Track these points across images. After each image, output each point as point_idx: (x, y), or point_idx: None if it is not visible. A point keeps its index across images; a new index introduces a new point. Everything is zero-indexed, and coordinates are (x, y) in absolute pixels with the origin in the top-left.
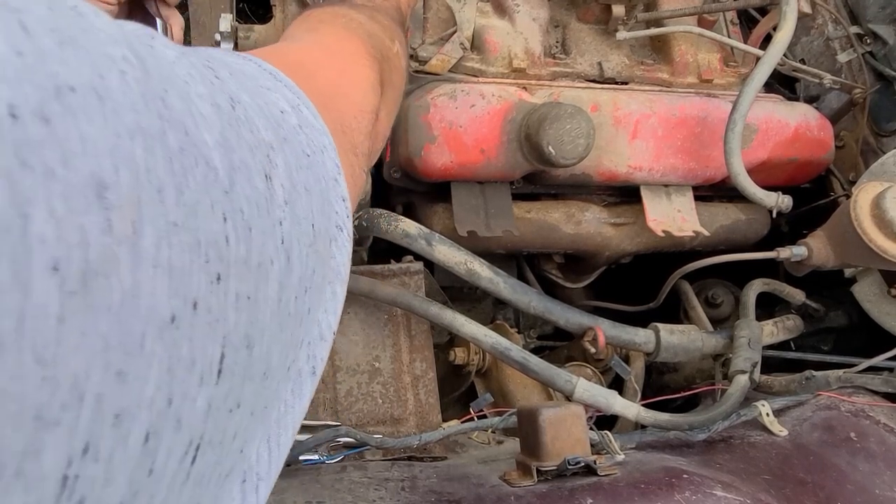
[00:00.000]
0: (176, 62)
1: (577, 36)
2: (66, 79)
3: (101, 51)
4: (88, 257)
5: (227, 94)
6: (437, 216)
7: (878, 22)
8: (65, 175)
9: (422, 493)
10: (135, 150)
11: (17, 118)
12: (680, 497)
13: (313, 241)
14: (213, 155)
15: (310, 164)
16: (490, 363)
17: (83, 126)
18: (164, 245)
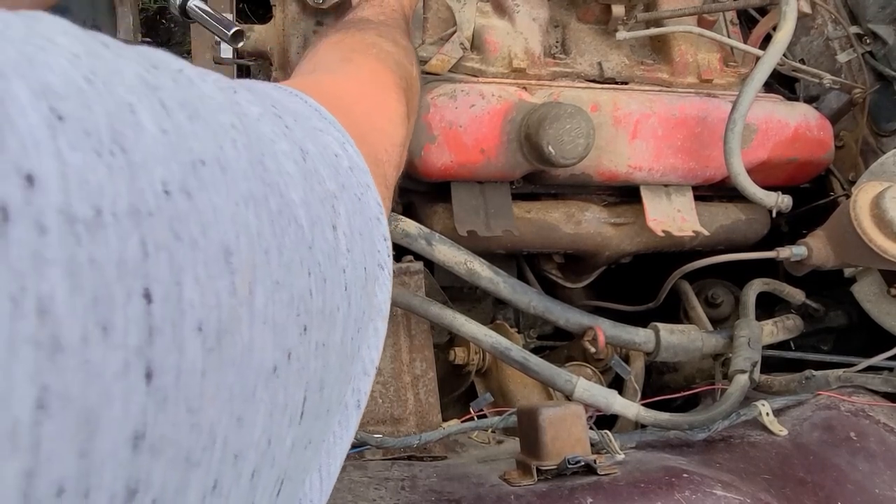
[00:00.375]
0: (261, 119)
1: (577, 36)
2: (199, 153)
3: (216, 120)
4: (221, 317)
5: (299, 147)
6: (437, 216)
7: (877, 22)
8: (204, 244)
9: (422, 492)
10: (248, 216)
11: (169, 194)
12: (680, 496)
13: (365, 283)
14: (300, 213)
15: (360, 207)
16: (490, 363)
17: (213, 197)
18: (270, 302)
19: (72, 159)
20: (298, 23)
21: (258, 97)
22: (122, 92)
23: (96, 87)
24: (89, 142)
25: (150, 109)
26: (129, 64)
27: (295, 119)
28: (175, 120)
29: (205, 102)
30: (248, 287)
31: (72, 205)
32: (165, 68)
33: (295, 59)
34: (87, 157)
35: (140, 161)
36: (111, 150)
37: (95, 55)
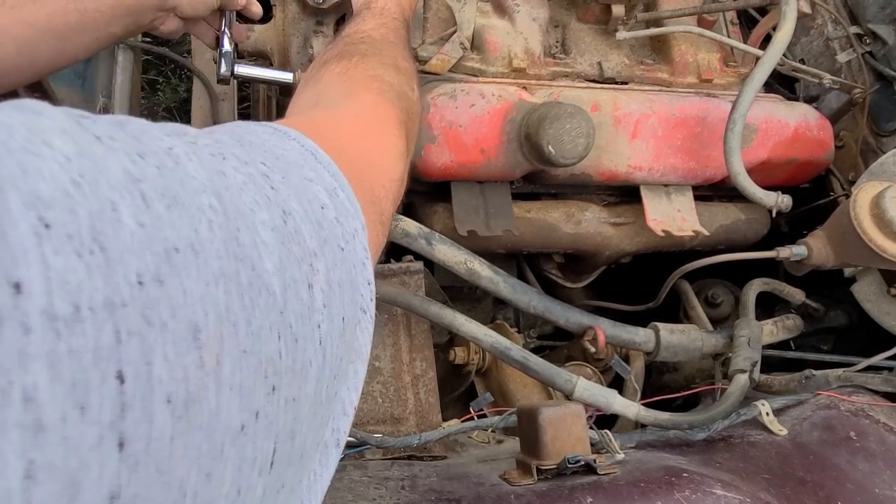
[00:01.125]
0: (243, 189)
1: (577, 36)
2: (173, 241)
3: (194, 203)
4: (189, 388)
5: (281, 209)
6: (437, 216)
7: (877, 22)
8: (173, 326)
9: (422, 491)
10: (219, 294)
11: (142, 285)
12: (680, 496)
13: (343, 332)
14: (273, 280)
15: (343, 257)
16: (490, 363)
17: (184, 281)
18: (237, 370)
19: (55, 263)
20: (298, 23)
21: (249, 155)
22: (105, 190)
23: (82, 190)
24: (71, 245)
25: (131, 205)
26: (117, 158)
27: (283, 175)
28: (153, 211)
29: (186, 185)
30: (216, 359)
31: (53, 304)
32: (153, 153)
33: (295, 59)
34: (69, 260)
35: (117, 256)
36: (91, 250)
37: (86, 155)
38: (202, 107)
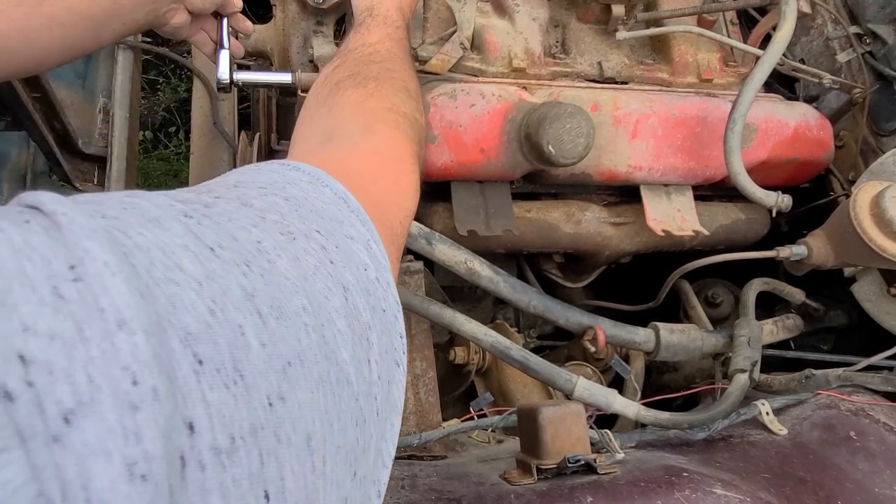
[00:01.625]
0: (316, 273)
1: (577, 36)
2: (286, 356)
3: (293, 309)
4: (308, 495)
5: (342, 286)
6: (438, 215)
7: (877, 22)
8: (295, 439)
9: (422, 491)
10: (319, 398)
11: (272, 406)
12: (680, 495)
13: (388, 394)
14: (350, 370)
15: (384, 319)
16: (490, 362)
17: (298, 393)
18: (334, 465)
19: (211, 398)
20: (298, 23)
21: (306, 223)
22: (233, 314)
23: (217, 318)
24: (220, 378)
25: (253, 324)
26: (233, 275)
27: (336, 244)
28: (269, 327)
29: (283, 289)
30: (323, 460)
31: (217, 439)
32: (253, 257)
33: (295, 59)
34: (221, 394)
35: (252, 381)
36: (234, 380)
37: (211, 276)
38: (202, 107)
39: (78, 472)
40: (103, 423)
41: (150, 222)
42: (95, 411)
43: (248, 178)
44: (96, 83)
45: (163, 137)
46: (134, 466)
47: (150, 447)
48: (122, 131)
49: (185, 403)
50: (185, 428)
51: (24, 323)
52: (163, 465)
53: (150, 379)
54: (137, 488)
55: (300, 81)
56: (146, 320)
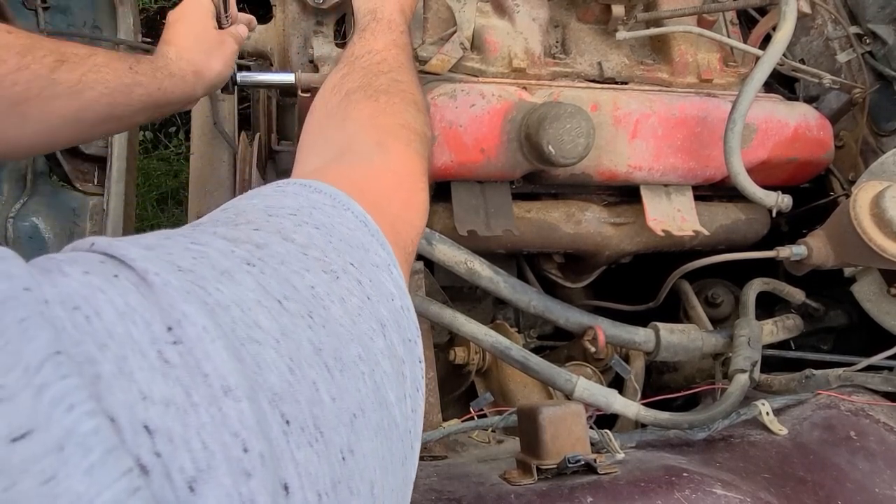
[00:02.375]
0: (360, 314)
1: (577, 36)
2: (352, 408)
3: (351, 358)
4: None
5: (380, 323)
6: (438, 216)
7: (877, 22)
8: (363, 489)
9: (422, 491)
10: (378, 446)
11: (344, 460)
12: (680, 495)
13: (415, 423)
14: (396, 412)
15: (411, 349)
16: (490, 362)
17: (363, 444)
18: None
19: (299, 457)
20: (298, 23)
21: (342, 257)
22: (308, 371)
23: (296, 376)
24: (305, 436)
25: (324, 380)
26: (300, 327)
27: (370, 279)
28: (336, 381)
29: (341, 338)
30: (374, 490)
31: (307, 498)
32: (315, 309)
33: (295, 59)
34: (307, 453)
35: (329, 437)
36: (316, 438)
37: (286, 332)
38: (202, 107)
39: None
40: (222, 489)
41: (222, 276)
42: (213, 478)
43: (276, 202)
44: None
45: (163, 137)
46: None
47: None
48: None
49: (279, 465)
50: (282, 489)
51: (142, 391)
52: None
53: (257, 445)
54: None
55: (301, 82)
56: (246, 385)
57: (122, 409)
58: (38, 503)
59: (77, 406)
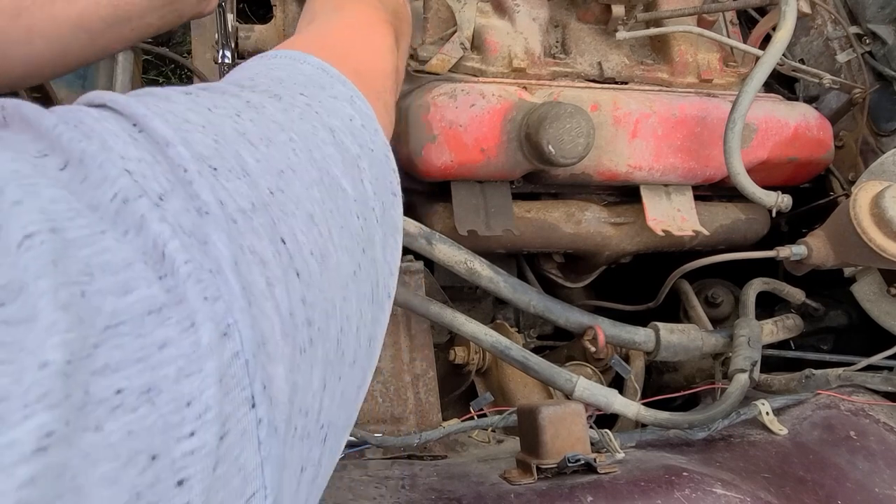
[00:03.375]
0: (303, 118)
1: (577, 36)
2: (279, 167)
3: (281, 140)
4: (320, 248)
5: (329, 128)
6: (438, 215)
7: (877, 22)
8: (299, 213)
9: (422, 490)
10: (315, 193)
11: (273, 194)
12: (680, 495)
13: (384, 212)
14: (343, 182)
15: (374, 155)
16: (490, 362)
17: (294, 188)
18: (341, 237)
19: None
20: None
21: (290, 90)
22: (230, 144)
23: (220, 145)
24: (232, 175)
25: (247, 149)
26: (226, 121)
27: (320, 101)
28: (260, 151)
29: (271, 129)
30: (328, 230)
31: (241, 205)
32: (245, 110)
33: None
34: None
35: (255, 178)
36: (240, 175)
37: (210, 123)
38: None
39: (173, 217)
40: (180, 197)
41: (161, 99)
42: (175, 192)
43: (236, 74)
44: (97, 83)
45: None
46: (200, 209)
47: (205, 199)
48: None
49: (196, 192)
50: (219, 198)
51: (120, 154)
52: (218, 211)
53: (193, 166)
54: (205, 219)
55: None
56: (180, 139)
57: (111, 158)
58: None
59: None
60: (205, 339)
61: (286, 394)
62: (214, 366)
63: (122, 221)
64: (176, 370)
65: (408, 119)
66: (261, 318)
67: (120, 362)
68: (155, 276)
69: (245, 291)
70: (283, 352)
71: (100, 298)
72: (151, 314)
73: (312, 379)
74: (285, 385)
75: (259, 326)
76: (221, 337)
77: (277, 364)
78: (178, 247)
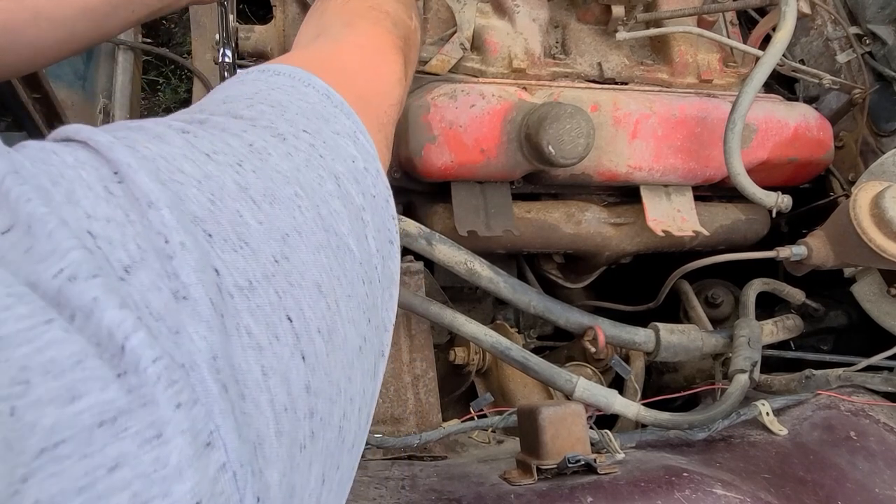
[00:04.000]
0: (308, 165)
1: (577, 36)
2: (284, 229)
3: (286, 195)
4: (327, 324)
5: (333, 175)
6: (438, 216)
7: (877, 22)
8: (306, 284)
9: (422, 491)
10: (322, 259)
11: (278, 262)
12: (680, 495)
13: (385, 266)
14: (350, 241)
15: (375, 203)
16: (490, 363)
17: (301, 254)
18: (348, 309)
19: (224, 257)
20: (298, 23)
21: (294, 125)
22: (230, 203)
23: (217, 206)
24: (228, 245)
25: (249, 209)
26: (227, 174)
27: (323, 140)
28: (264, 211)
29: (275, 181)
30: (336, 303)
31: (237, 281)
32: (247, 158)
33: None
34: (232, 255)
35: (256, 247)
36: (240, 246)
37: (207, 176)
38: None
39: (141, 298)
40: (152, 271)
41: (154, 138)
42: (146, 264)
43: (234, 92)
44: (96, 84)
45: None
46: (177, 293)
47: (185, 280)
48: None
49: (208, 258)
50: (213, 271)
51: (87, 212)
52: (200, 290)
53: (177, 237)
54: (181, 304)
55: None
56: (168, 199)
57: (70, 217)
58: None
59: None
60: (174, 456)
61: (281, 500)
62: (190, 487)
63: (67, 304)
64: (129, 498)
65: (408, 119)
66: (255, 416)
67: (55, 497)
68: (112, 373)
69: (227, 390)
70: (279, 453)
71: (35, 412)
72: (104, 426)
73: (311, 477)
74: (280, 491)
75: (253, 426)
76: (204, 448)
77: (273, 468)
78: (144, 339)
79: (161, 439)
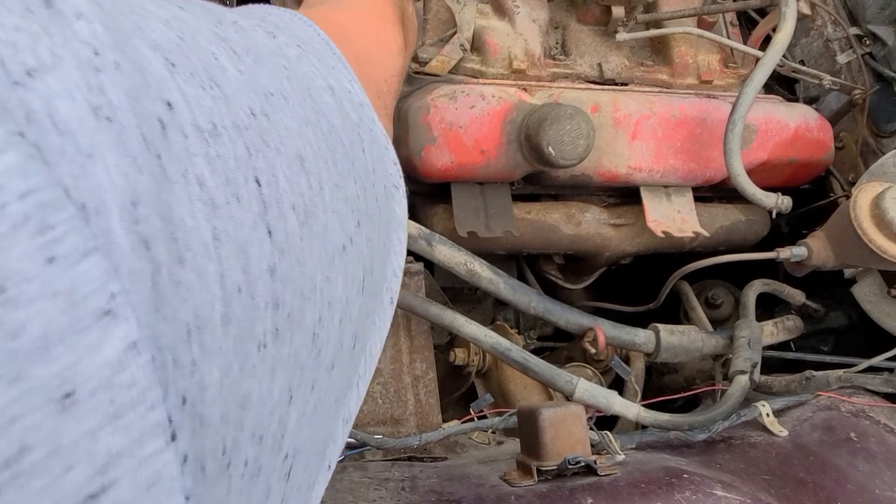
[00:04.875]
0: (300, 60)
1: (577, 37)
2: (267, 87)
3: (272, 62)
4: (305, 203)
5: (327, 82)
6: (437, 217)
7: (877, 23)
8: (285, 151)
9: (422, 492)
10: (309, 134)
11: (255, 115)
12: (680, 496)
13: (386, 198)
14: (342, 135)
15: (373, 137)
16: (490, 364)
17: (284, 119)
18: (334, 198)
19: (188, 91)
20: None
21: (290, 38)
22: (204, 44)
23: (187, 43)
24: (195, 80)
25: (228, 56)
26: (203, 22)
27: (318, 58)
28: (245, 63)
29: (260, 48)
30: (320, 184)
31: (197, 120)
32: (227, 22)
33: None
34: (197, 91)
35: (231, 93)
36: (210, 86)
37: (179, 18)
38: None
39: (42, 105)
40: (67, 78)
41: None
42: (59, 70)
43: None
44: None
45: None
46: (99, 109)
47: (114, 100)
48: None
49: (158, 87)
50: (163, 103)
51: None
52: (130, 116)
53: (111, 55)
54: (103, 125)
55: None
56: (104, 18)
57: None
58: None
59: None
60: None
61: (227, 409)
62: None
63: None
64: None
65: (407, 120)
66: (195, 290)
67: None
68: None
69: (147, 247)
70: (223, 344)
71: None
72: None
73: (273, 388)
74: (222, 395)
75: (189, 302)
76: (101, 317)
77: (212, 363)
78: (17, 162)
79: (17, 302)
